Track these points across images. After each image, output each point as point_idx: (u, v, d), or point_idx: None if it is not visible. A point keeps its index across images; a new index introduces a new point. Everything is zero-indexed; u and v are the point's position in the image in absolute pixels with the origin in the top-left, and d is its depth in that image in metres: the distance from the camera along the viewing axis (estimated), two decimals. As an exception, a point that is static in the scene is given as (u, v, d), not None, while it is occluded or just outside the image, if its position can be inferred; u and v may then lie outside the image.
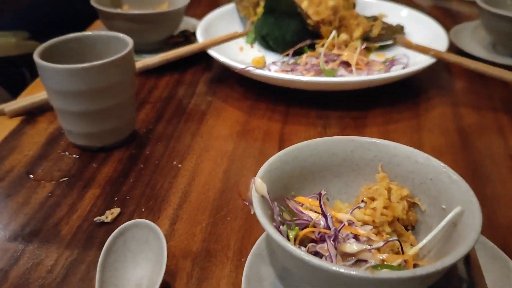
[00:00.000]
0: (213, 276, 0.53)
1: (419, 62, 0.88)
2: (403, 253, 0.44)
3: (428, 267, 0.38)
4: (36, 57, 0.66)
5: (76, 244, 0.57)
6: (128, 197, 0.64)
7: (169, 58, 0.88)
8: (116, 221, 0.60)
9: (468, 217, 0.44)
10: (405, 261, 0.44)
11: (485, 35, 1.06)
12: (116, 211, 0.61)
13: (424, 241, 0.45)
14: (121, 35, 0.73)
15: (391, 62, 0.91)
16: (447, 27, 1.03)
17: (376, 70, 0.89)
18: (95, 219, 0.60)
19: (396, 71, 0.84)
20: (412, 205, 0.51)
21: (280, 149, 0.73)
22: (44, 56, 0.67)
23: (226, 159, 0.72)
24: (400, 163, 0.52)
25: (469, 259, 0.48)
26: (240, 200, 0.63)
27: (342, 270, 0.37)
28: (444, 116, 0.82)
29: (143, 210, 0.62)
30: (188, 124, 0.81)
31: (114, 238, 0.52)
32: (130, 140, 0.76)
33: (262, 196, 0.46)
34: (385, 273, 0.37)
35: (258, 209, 0.44)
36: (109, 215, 0.61)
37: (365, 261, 0.44)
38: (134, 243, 0.53)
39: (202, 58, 1.01)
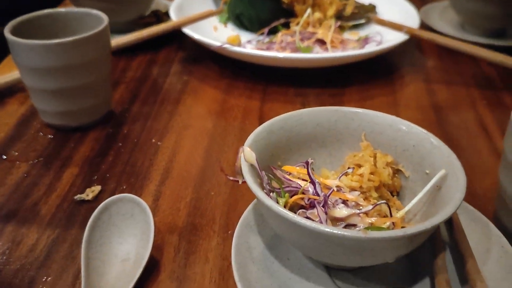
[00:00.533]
0: (201, 249, 0.52)
1: (392, 39, 0.89)
2: (391, 216, 0.45)
3: (418, 226, 0.38)
4: (7, 33, 0.64)
5: (57, 223, 0.56)
6: (108, 175, 0.63)
7: (143, 37, 0.86)
8: (98, 199, 0.59)
9: (451, 179, 0.45)
10: (393, 223, 0.44)
11: (453, 15, 1.08)
12: (96, 188, 0.60)
13: (410, 204, 0.46)
14: (95, 11, 0.72)
15: (365, 40, 0.92)
16: (417, 8, 1.04)
17: (350, 47, 0.90)
18: (75, 197, 0.59)
19: (372, 48, 0.85)
20: (396, 172, 0.52)
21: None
22: (15, 32, 0.65)
23: (206, 137, 0.71)
24: (383, 131, 0.53)
25: (451, 223, 0.49)
26: (223, 176, 0.63)
27: (336, 231, 0.37)
28: (418, 92, 0.84)
29: (124, 187, 0.61)
30: (164, 103, 0.80)
31: (98, 213, 0.51)
32: (107, 120, 0.75)
33: (251, 165, 0.46)
34: (377, 233, 0.38)
35: (248, 177, 0.43)
36: (89, 193, 0.59)
37: (355, 225, 0.44)
38: (119, 217, 0.52)
39: (174, 38, 0.99)
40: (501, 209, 0.52)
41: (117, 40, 0.84)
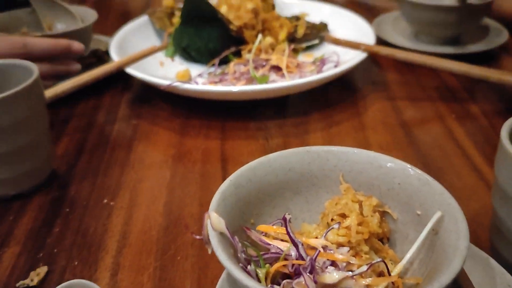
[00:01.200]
0: (172, 331, 0.45)
1: (350, 58, 0.85)
2: (389, 273, 0.39)
3: None
4: None
5: (-3, 319, 0.47)
6: (55, 250, 0.55)
7: (83, 82, 0.78)
8: (45, 283, 0.50)
9: (449, 222, 0.40)
10: (393, 283, 0.39)
11: (405, 25, 1.06)
12: (42, 270, 0.52)
13: (407, 257, 0.41)
14: (22, 61, 0.63)
15: (322, 61, 0.88)
16: (368, 21, 1.01)
17: (307, 71, 0.85)
18: (17, 284, 0.50)
19: (330, 70, 0.80)
20: (383, 214, 0.46)
21: (223, 169, 0.67)
22: None
23: (165, 189, 0.64)
24: (363, 171, 0.47)
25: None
26: (188, 234, 0.56)
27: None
28: (384, 112, 0.79)
29: (76, 263, 0.53)
30: (114, 154, 0.72)
31: (45, 308, 0.43)
32: (50, 182, 0.66)
33: (221, 233, 0.39)
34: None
35: (219, 250, 0.37)
36: (34, 277, 0.51)
37: (348, 289, 0.38)
38: (71, 309, 0.44)
39: (119, 79, 0.92)
40: (499, 242, 0.48)
41: (53, 90, 0.75)
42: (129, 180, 0.66)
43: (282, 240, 0.42)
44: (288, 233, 0.41)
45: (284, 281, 0.38)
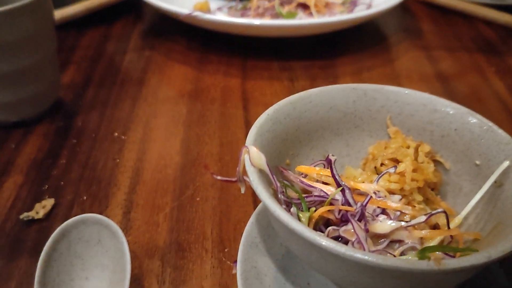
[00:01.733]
0: (192, 277, 0.40)
1: (382, 2, 0.78)
2: (449, 226, 0.34)
3: (503, 245, 0.28)
4: None
5: (-2, 252, 0.43)
6: (62, 183, 0.50)
7: (95, 6, 0.72)
8: (52, 217, 0.46)
9: (519, 173, 0.35)
10: (451, 236, 0.34)
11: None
12: (49, 202, 0.47)
13: (467, 209, 0.36)
14: (29, -26, 0.56)
15: (352, 3, 0.81)
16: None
17: (337, 12, 0.78)
18: (21, 216, 0.45)
19: (362, 11, 0.73)
20: (434, 164, 0.41)
21: (245, 109, 0.62)
22: None
23: (181, 126, 0.59)
24: (414, 113, 0.42)
25: None
26: (208, 175, 0.51)
27: (401, 264, 0.27)
28: (418, 61, 0.73)
29: (84, 198, 0.48)
30: (125, 86, 0.66)
31: (54, 242, 0.38)
32: (55, 110, 0.61)
33: (260, 170, 0.34)
34: (456, 263, 0.27)
35: (259, 188, 0.32)
36: (40, 210, 0.46)
37: (400, 241, 0.34)
38: (83, 245, 0.39)
39: (131, 7, 0.85)
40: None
41: (63, 12, 0.69)
42: (141, 114, 0.61)
43: (324, 183, 0.37)
44: (333, 176, 0.35)
45: (330, 227, 0.33)
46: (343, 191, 0.34)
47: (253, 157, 0.34)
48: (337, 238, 0.33)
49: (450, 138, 0.40)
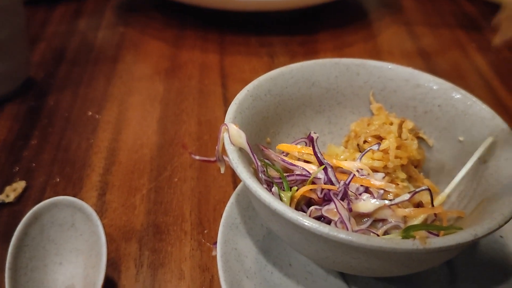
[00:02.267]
0: (171, 259, 0.39)
1: (363, -25, 0.76)
2: (432, 204, 0.34)
3: (488, 223, 0.28)
4: None
5: (-34, 238, 0.41)
6: (34, 164, 0.48)
7: (64, -20, 0.68)
8: (23, 200, 0.44)
9: (503, 149, 0.34)
10: (435, 214, 0.33)
11: None
12: (19, 185, 0.45)
13: (451, 186, 0.35)
14: None
15: (332, -23, 0.79)
16: None
17: (317, -14, 0.77)
18: (-10, 200, 0.44)
19: (343, -14, 0.72)
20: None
21: (223, 86, 0.60)
22: None
23: (158, 105, 0.57)
24: (397, 89, 0.41)
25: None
26: (186, 155, 0.49)
27: (385, 244, 0.26)
28: (400, 37, 0.72)
29: (57, 180, 0.46)
30: (99, 64, 0.64)
31: (25, 226, 0.36)
32: (26, 89, 0.58)
33: (240, 149, 0.33)
34: (441, 241, 0.26)
35: (240, 167, 0.30)
36: (10, 193, 0.44)
37: (383, 220, 0.33)
38: (56, 229, 0.38)
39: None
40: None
41: (30, -15, 0.66)
42: (116, 92, 0.58)
43: (306, 162, 0.36)
44: (315, 154, 0.34)
45: (312, 207, 0.32)
46: (325, 169, 0.33)
47: (232, 135, 0.32)
48: (319, 218, 0.32)
49: (433, 114, 0.40)
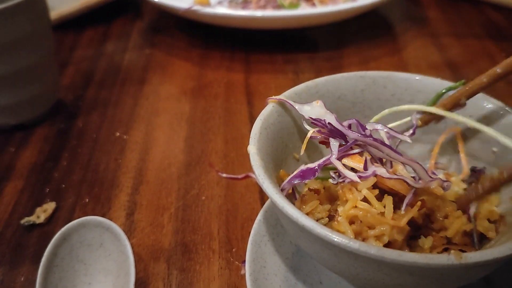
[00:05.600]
0: (199, 279, 0.39)
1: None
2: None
3: None
4: None
5: (-2, 260, 0.41)
6: (63, 185, 0.48)
7: (91, 5, 0.70)
8: (53, 221, 0.44)
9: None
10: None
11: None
12: (50, 206, 0.45)
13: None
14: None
15: (356, -8, 0.79)
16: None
17: (341, 1, 0.76)
18: (22, 221, 0.44)
19: (366, 0, 0.71)
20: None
21: (249, 104, 0.60)
22: None
23: (184, 123, 0.57)
24: (426, 101, 0.40)
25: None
26: (213, 172, 0.49)
27: (419, 260, 0.25)
28: (426, 49, 0.71)
29: (86, 200, 0.47)
30: (126, 85, 0.65)
31: (55, 247, 0.37)
32: (55, 112, 0.59)
33: (266, 164, 0.32)
34: (477, 256, 0.25)
35: (267, 184, 0.30)
36: (41, 214, 0.45)
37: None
38: (85, 249, 0.38)
39: (130, 5, 0.83)
40: None
41: (59, 11, 0.67)
42: (143, 113, 0.59)
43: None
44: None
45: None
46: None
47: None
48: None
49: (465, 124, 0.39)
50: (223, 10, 0.70)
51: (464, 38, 0.73)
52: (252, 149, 0.33)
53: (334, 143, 0.33)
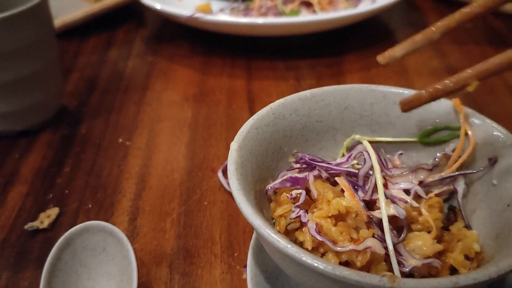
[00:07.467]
0: (201, 283, 0.39)
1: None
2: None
3: (474, 275, 0.25)
4: None
5: (3, 264, 0.42)
6: (67, 191, 0.49)
7: (95, 13, 0.71)
8: (56, 226, 0.45)
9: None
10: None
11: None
12: (53, 212, 0.46)
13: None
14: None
15: (356, -1, 0.79)
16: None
17: (341, 8, 0.77)
18: (26, 226, 0.45)
19: (367, 6, 0.72)
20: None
21: (251, 110, 0.60)
22: None
23: (187, 130, 0.57)
24: (437, 121, 0.40)
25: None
26: (215, 178, 0.50)
27: (350, 276, 0.25)
28: (427, 55, 0.72)
29: (89, 206, 0.47)
30: (129, 92, 0.66)
31: (58, 251, 0.37)
32: (59, 118, 0.60)
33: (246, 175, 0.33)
34: (411, 283, 0.25)
35: (245, 206, 0.29)
36: (45, 219, 0.45)
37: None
38: (88, 254, 0.38)
39: (133, 13, 0.84)
40: None
41: (63, 19, 0.68)
42: (146, 119, 0.60)
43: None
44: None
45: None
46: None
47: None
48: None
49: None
50: (225, 17, 0.71)
51: (464, 45, 0.74)
52: (234, 145, 0.34)
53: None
